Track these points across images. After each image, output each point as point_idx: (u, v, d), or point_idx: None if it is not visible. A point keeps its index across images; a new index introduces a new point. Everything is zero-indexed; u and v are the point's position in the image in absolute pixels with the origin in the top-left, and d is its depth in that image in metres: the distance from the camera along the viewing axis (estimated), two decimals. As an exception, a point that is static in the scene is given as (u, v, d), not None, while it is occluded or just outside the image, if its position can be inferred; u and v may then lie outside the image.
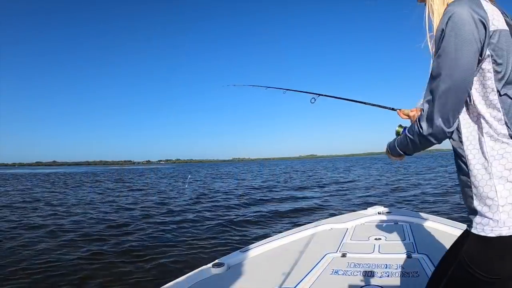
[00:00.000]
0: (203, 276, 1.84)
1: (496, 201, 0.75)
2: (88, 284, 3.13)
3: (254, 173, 26.57)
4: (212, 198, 9.50)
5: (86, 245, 4.31)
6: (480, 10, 0.76)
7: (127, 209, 7.29)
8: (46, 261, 3.66)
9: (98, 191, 12.49)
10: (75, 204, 8.68)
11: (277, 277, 1.83)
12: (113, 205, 8.11)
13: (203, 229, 5.18)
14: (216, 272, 1.88)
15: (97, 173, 36.70)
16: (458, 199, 7.72)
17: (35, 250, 4.10)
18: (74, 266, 3.52)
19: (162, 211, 6.95)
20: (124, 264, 3.57)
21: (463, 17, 0.75)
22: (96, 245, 4.31)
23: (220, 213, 6.57)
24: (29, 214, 7.01)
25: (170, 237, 4.72)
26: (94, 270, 3.40)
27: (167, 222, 5.73)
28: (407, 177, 14.56)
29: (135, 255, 3.88)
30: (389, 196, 8.80)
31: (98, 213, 6.93)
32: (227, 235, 4.84)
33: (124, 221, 5.93)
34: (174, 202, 8.56)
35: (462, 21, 0.75)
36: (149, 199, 9.25)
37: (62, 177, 28.89)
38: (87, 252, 3.97)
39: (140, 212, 6.84)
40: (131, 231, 5.09)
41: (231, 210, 7.06)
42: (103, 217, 6.41)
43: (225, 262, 1.96)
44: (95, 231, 5.10)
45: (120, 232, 5.05)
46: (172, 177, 23.68)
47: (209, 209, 7.11)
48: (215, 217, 6.12)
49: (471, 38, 0.75)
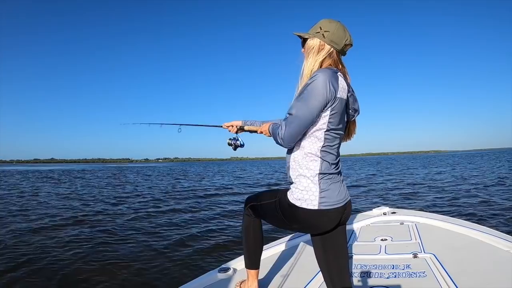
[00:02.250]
0: (210, 281, 1.84)
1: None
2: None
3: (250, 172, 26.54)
4: (213, 198, 9.50)
5: (89, 252, 4.32)
6: (335, 82, 1.17)
7: (127, 208, 7.30)
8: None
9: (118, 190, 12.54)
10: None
11: (284, 280, 1.82)
12: (110, 201, 8.10)
13: (208, 232, 5.18)
14: (222, 277, 1.88)
15: (95, 170, 36.94)
16: (464, 199, 7.66)
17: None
18: (78, 275, 3.53)
19: (165, 213, 6.96)
20: (127, 271, 3.58)
21: (321, 82, 1.14)
22: (100, 249, 4.32)
23: (224, 217, 6.57)
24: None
25: (173, 240, 4.72)
26: (95, 276, 3.40)
27: (169, 224, 5.73)
28: (407, 177, 14.47)
29: (137, 260, 3.88)
30: (392, 196, 8.75)
31: (108, 214, 6.95)
32: (234, 238, 4.83)
33: (124, 222, 5.94)
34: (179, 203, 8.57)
35: (320, 83, 1.14)
36: (148, 199, 9.26)
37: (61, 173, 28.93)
38: (89, 257, 3.98)
39: (139, 214, 6.85)
40: (127, 238, 5.10)
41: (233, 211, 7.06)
42: (111, 219, 6.43)
43: (231, 267, 1.96)
44: (99, 236, 5.11)
45: (121, 233, 5.06)
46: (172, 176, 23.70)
47: (213, 210, 7.11)
48: (220, 220, 6.13)
49: (321, 96, 1.15)
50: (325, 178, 1.22)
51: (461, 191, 8.88)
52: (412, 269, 1.84)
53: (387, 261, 2.00)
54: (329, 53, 1.26)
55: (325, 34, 1.25)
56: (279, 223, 1.39)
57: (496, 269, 1.76)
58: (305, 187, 1.21)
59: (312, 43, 1.27)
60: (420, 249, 2.12)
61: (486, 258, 1.93)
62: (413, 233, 2.49)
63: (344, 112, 1.24)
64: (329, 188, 1.21)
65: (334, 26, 1.25)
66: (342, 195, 1.25)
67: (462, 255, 1.99)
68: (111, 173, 32.30)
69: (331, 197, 1.21)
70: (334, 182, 1.24)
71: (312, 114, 1.16)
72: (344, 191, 1.27)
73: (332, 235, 1.27)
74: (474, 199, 7.42)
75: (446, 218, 2.84)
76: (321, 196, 1.19)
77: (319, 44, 1.26)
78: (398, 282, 1.70)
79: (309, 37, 1.28)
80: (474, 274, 1.70)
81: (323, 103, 1.16)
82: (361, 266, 1.95)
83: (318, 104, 1.15)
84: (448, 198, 7.83)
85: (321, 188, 1.20)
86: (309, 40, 1.28)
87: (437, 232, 2.50)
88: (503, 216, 5.55)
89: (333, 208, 1.21)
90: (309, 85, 1.16)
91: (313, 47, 1.26)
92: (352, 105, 1.28)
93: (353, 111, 1.30)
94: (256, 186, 14.18)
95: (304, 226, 1.29)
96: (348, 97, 1.24)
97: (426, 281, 1.68)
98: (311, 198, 1.20)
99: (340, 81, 1.19)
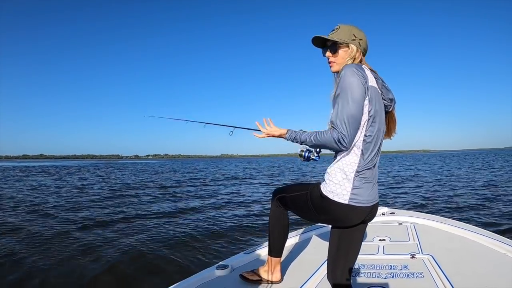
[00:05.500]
0: (207, 278, 1.84)
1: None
2: (91, 286, 3.14)
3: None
4: (215, 197, 9.51)
5: (90, 254, 4.32)
6: (362, 71, 1.23)
7: (126, 206, 7.31)
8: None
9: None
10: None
11: (287, 272, 1.84)
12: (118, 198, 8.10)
13: (206, 229, 5.18)
14: (220, 274, 1.88)
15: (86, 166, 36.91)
16: (461, 200, 7.68)
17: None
18: (78, 276, 3.53)
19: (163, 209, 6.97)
20: (126, 266, 3.58)
21: (350, 73, 1.20)
22: (99, 245, 4.32)
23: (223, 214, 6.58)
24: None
25: (173, 237, 4.72)
26: (96, 274, 3.41)
27: (167, 222, 5.74)
28: (408, 177, 14.49)
29: (136, 257, 3.88)
30: (392, 196, 8.76)
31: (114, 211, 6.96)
32: (232, 235, 4.84)
33: (122, 219, 5.94)
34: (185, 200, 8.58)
35: (349, 74, 1.20)
36: (149, 197, 9.27)
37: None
38: (85, 254, 3.98)
39: (137, 211, 6.86)
40: (130, 231, 5.10)
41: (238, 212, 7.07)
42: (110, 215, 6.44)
43: (229, 264, 1.96)
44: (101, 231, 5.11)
45: (121, 232, 5.06)
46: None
47: (214, 209, 7.12)
48: (220, 218, 6.13)
49: (356, 84, 1.19)
50: (360, 176, 1.24)
51: (460, 191, 8.90)
52: (410, 269, 1.84)
53: (384, 261, 2.00)
54: (360, 60, 1.34)
55: (360, 42, 1.32)
56: (306, 215, 1.45)
57: (493, 271, 1.76)
58: (339, 181, 1.25)
59: (352, 49, 1.32)
60: (418, 250, 2.13)
61: (483, 260, 1.93)
62: (411, 234, 2.49)
63: (380, 103, 1.27)
64: (362, 187, 1.24)
65: (363, 34, 1.34)
66: (372, 196, 1.28)
67: (460, 256, 2.00)
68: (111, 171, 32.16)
69: (362, 196, 1.24)
70: (368, 182, 1.26)
71: (359, 103, 1.18)
72: (374, 193, 1.30)
73: (352, 230, 1.32)
74: (473, 200, 7.43)
75: (445, 219, 2.84)
76: (353, 192, 1.23)
77: (357, 51, 1.32)
78: (395, 282, 1.70)
79: (347, 43, 1.31)
80: (471, 276, 1.71)
81: (362, 89, 1.19)
82: (359, 266, 1.95)
83: (359, 91, 1.18)
84: (448, 198, 7.85)
85: (354, 185, 1.24)
86: (349, 46, 1.32)
87: (435, 233, 2.51)
88: (501, 218, 5.56)
89: (361, 206, 1.25)
90: (341, 82, 1.20)
91: (352, 54, 1.31)
92: (386, 95, 1.30)
93: (388, 101, 1.32)
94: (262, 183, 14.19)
95: (331, 218, 1.33)
96: (380, 87, 1.28)
97: (423, 282, 1.68)
98: (343, 192, 1.24)
99: (366, 71, 1.25)
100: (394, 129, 1.41)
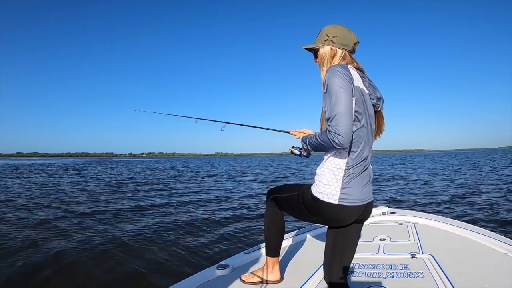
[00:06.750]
0: (207, 277, 1.84)
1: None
2: (90, 285, 3.14)
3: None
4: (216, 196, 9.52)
5: (89, 253, 4.32)
6: (347, 71, 1.22)
7: (125, 204, 7.32)
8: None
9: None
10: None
11: (285, 273, 1.83)
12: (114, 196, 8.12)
13: (206, 229, 5.18)
14: (220, 274, 1.88)
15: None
16: (465, 200, 7.67)
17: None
18: (69, 266, 3.53)
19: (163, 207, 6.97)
20: (126, 266, 3.58)
21: (334, 74, 1.19)
22: (98, 241, 4.32)
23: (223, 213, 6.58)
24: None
25: (173, 237, 4.72)
26: (97, 271, 3.41)
27: (166, 221, 5.74)
28: (408, 177, 14.49)
29: (135, 257, 3.88)
30: (392, 196, 8.76)
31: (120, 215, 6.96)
32: (232, 235, 4.84)
33: (120, 216, 5.94)
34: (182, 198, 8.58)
35: (333, 75, 1.19)
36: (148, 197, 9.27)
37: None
38: (82, 251, 3.98)
39: (136, 209, 6.86)
40: (129, 231, 5.10)
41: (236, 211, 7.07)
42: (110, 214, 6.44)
43: (229, 264, 1.96)
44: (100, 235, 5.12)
45: (120, 232, 5.06)
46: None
47: (214, 207, 7.12)
48: (220, 216, 6.13)
49: (343, 84, 1.17)
50: (349, 174, 1.24)
51: (460, 192, 8.89)
52: (410, 269, 1.84)
53: (385, 261, 2.00)
54: (342, 56, 1.31)
55: (334, 39, 1.30)
56: (299, 214, 1.47)
57: (494, 271, 1.76)
58: (328, 182, 1.25)
59: (324, 51, 1.32)
60: (418, 250, 2.13)
61: (484, 260, 1.93)
62: (411, 233, 2.49)
63: (367, 103, 1.27)
64: (351, 186, 1.24)
65: (339, 29, 1.31)
66: (364, 195, 1.27)
67: (460, 256, 2.00)
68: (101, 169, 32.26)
69: (352, 195, 1.24)
70: (358, 181, 1.25)
71: (348, 102, 1.17)
72: (367, 191, 1.29)
73: (346, 231, 1.32)
74: (473, 201, 7.43)
75: (445, 219, 2.84)
76: (342, 192, 1.23)
77: (331, 50, 1.31)
78: (396, 282, 1.70)
79: (319, 47, 1.33)
80: (472, 276, 1.71)
81: (350, 88, 1.18)
82: (359, 265, 1.95)
83: (346, 91, 1.17)
84: (447, 199, 7.85)
85: (343, 185, 1.23)
86: (320, 50, 1.33)
87: (436, 233, 2.51)
88: (502, 218, 5.56)
89: (352, 205, 1.24)
90: (328, 84, 1.19)
91: (326, 55, 1.31)
92: (374, 94, 1.31)
93: (376, 100, 1.32)
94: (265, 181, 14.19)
95: (324, 219, 1.34)
96: (366, 86, 1.28)
97: (423, 282, 1.68)
98: (332, 193, 1.24)
99: (351, 71, 1.24)
100: (382, 127, 1.41)
